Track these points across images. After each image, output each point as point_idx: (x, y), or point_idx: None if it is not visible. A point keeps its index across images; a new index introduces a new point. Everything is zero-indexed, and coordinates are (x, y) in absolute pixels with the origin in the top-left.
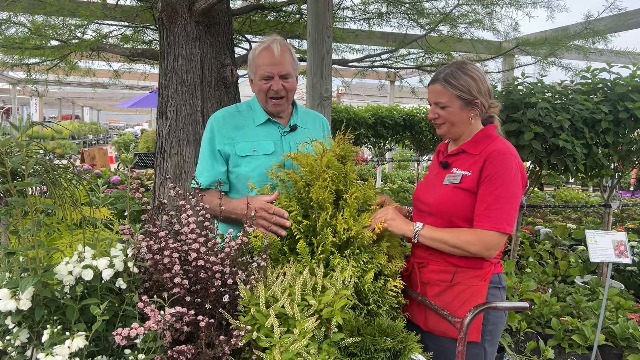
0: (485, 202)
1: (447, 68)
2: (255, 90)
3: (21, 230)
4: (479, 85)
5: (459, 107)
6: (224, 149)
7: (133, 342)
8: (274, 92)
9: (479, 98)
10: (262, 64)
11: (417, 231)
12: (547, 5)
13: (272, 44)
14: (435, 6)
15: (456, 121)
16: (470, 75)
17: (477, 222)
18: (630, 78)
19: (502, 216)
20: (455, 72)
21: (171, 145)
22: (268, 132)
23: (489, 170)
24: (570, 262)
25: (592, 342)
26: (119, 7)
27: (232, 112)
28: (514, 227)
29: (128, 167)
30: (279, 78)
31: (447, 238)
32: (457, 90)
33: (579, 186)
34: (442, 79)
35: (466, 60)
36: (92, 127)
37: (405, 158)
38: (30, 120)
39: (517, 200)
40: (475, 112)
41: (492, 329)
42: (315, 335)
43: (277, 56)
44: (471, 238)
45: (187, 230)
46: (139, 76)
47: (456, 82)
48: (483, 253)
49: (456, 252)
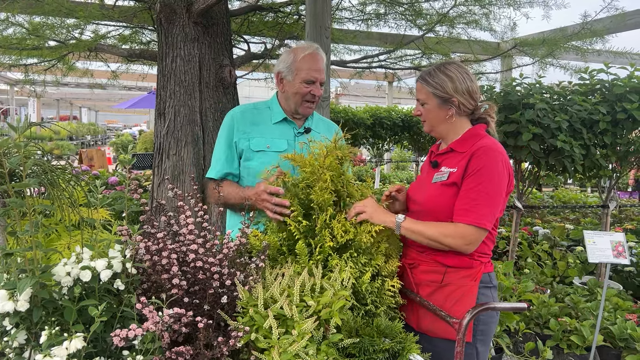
0: (467, 197)
1: (430, 67)
2: (291, 91)
3: (19, 231)
4: (456, 84)
5: (436, 105)
6: (239, 143)
7: (131, 343)
8: (312, 97)
9: (455, 96)
10: (307, 68)
11: (399, 223)
12: (544, 4)
13: (318, 52)
14: (432, 7)
15: (433, 119)
16: (447, 74)
17: (457, 216)
18: (628, 79)
19: (483, 212)
20: (433, 71)
21: (169, 146)
22: (283, 131)
23: (474, 166)
24: (569, 263)
25: (591, 342)
26: (117, 8)
27: (250, 109)
28: (492, 223)
29: (126, 168)
30: (320, 85)
31: (425, 230)
32: (432, 88)
33: (577, 187)
34: (421, 77)
35: (453, 61)
36: (90, 128)
37: (403, 159)
38: (28, 121)
39: (500, 196)
40: (452, 111)
41: (484, 329)
42: (313, 336)
43: (319, 62)
44: (449, 231)
45: (186, 231)
46: (137, 77)
47: (431, 80)
48: (461, 247)
49: (433, 245)
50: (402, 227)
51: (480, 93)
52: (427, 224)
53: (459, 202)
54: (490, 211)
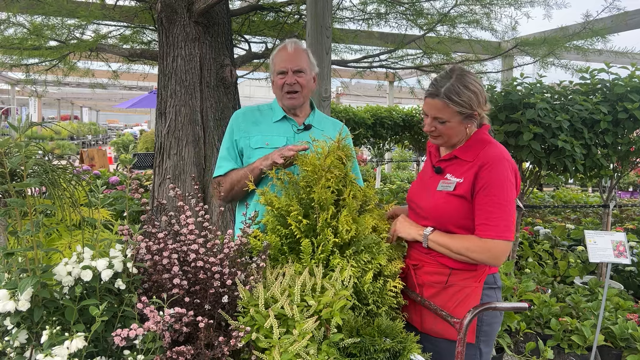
0: (485, 210)
1: (447, 80)
2: (274, 88)
3: (20, 231)
4: (479, 98)
5: (458, 121)
6: (240, 141)
7: (132, 342)
8: (288, 86)
9: (477, 111)
10: (278, 61)
11: (427, 235)
12: (545, 3)
13: (288, 44)
14: (433, 6)
15: (454, 134)
16: (472, 90)
17: (480, 232)
18: (629, 78)
19: (504, 224)
20: (457, 87)
21: (170, 146)
22: (282, 128)
23: (486, 179)
24: (570, 263)
25: (592, 342)
26: (118, 8)
27: (253, 110)
28: (513, 232)
29: (127, 167)
30: (293, 73)
31: (452, 245)
32: (458, 107)
33: (578, 187)
34: (444, 95)
35: (464, 70)
36: (91, 128)
37: (404, 158)
38: (29, 121)
39: (513, 205)
40: (472, 124)
41: (487, 330)
42: (314, 336)
43: (290, 52)
44: (475, 246)
45: (186, 231)
46: (138, 76)
47: (459, 99)
48: (490, 261)
49: (460, 259)
50: (429, 239)
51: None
52: (453, 237)
53: (479, 217)
54: (510, 221)
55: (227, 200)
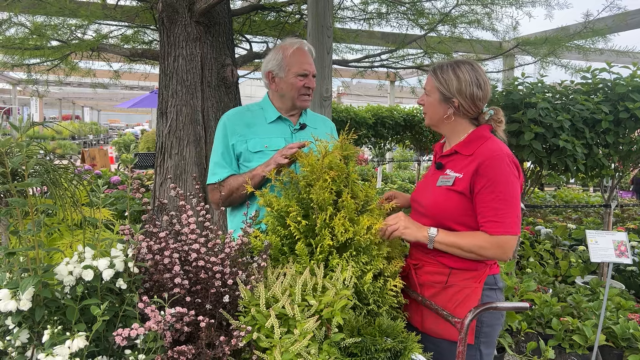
0: (491, 207)
1: (447, 61)
2: (286, 87)
3: (21, 230)
4: (462, 86)
5: (437, 99)
6: (237, 146)
7: (133, 342)
8: (307, 89)
9: (456, 98)
10: (298, 62)
11: (433, 237)
12: (546, 3)
13: (305, 46)
14: (434, 6)
15: (433, 113)
16: (456, 74)
17: (488, 228)
18: (631, 78)
19: (511, 219)
20: (445, 66)
21: (171, 146)
22: (279, 129)
23: (490, 176)
24: (571, 263)
25: (593, 342)
26: (119, 7)
27: (243, 111)
28: (519, 226)
29: (128, 167)
30: (313, 77)
31: (462, 243)
32: (437, 82)
33: (580, 186)
34: (433, 68)
35: (470, 61)
36: (93, 128)
37: (405, 158)
38: (31, 121)
39: (518, 199)
40: (451, 111)
41: (487, 331)
42: (315, 336)
43: (308, 55)
44: (487, 244)
45: (188, 230)
46: (139, 76)
47: (440, 74)
48: (501, 257)
49: (469, 257)
50: (435, 241)
51: (486, 100)
52: (460, 235)
53: (485, 214)
54: (516, 216)
55: (224, 206)
